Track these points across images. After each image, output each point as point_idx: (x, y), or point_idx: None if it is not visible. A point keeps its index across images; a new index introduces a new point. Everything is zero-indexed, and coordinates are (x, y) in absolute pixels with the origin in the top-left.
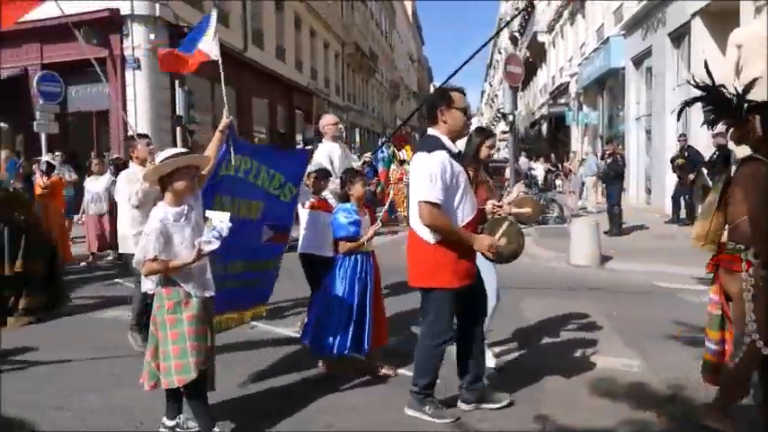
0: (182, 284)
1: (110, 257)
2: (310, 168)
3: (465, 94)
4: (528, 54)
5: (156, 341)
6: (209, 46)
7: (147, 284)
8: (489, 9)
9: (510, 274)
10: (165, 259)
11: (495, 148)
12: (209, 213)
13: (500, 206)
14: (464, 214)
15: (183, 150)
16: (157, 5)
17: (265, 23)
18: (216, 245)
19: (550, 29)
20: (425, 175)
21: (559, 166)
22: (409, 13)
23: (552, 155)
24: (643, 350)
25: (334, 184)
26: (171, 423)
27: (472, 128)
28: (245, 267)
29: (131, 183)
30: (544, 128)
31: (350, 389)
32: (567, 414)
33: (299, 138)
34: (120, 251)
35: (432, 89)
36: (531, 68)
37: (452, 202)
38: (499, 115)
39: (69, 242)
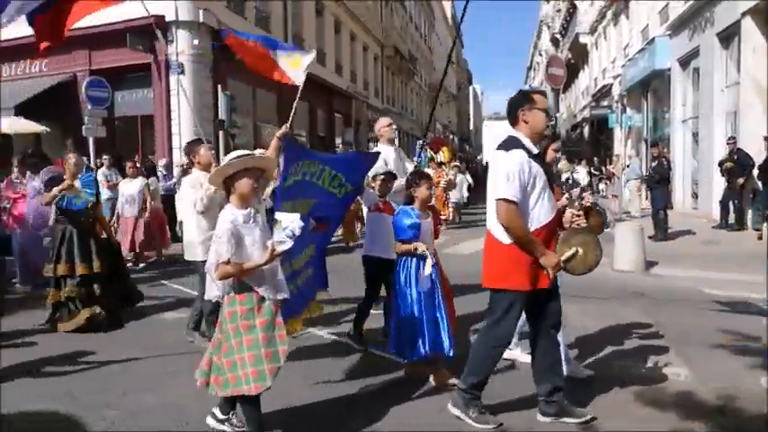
0: (256, 288)
1: (152, 259)
2: (376, 171)
3: (546, 96)
4: (570, 56)
5: (222, 349)
6: (296, 74)
7: (214, 292)
8: (530, 10)
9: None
10: (238, 262)
11: (560, 152)
12: (278, 215)
13: (579, 215)
14: (540, 216)
15: (247, 153)
16: (201, 11)
17: (306, 28)
18: (289, 244)
19: (593, 30)
20: (503, 173)
21: (603, 169)
22: (448, 15)
23: (595, 158)
24: (690, 358)
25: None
26: (222, 416)
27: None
28: (299, 261)
29: (195, 188)
30: (586, 130)
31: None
32: (613, 422)
33: (338, 141)
34: (187, 258)
35: (471, 92)
36: (572, 70)
37: (527, 203)
38: None
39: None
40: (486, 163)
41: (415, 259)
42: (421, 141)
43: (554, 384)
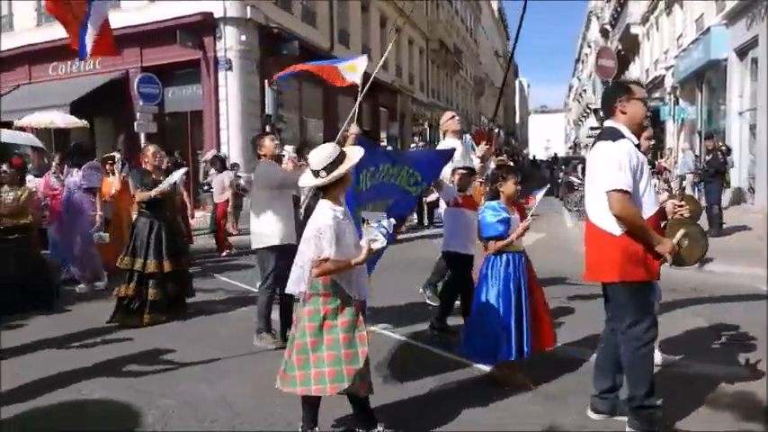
0: (344, 287)
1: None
2: (456, 165)
3: (643, 87)
4: (620, 47)
5: (294, 346)
6: (352, 75)
7: (296, 287)
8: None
9: None
10: (338, 259)
11: (652, 140)
12: (364, 214)
13: (681, 206)
14: (648, 206)
15: (337, 147)
16: (248, 8)
17: (351, 23)
18: (384, 243)
19: (644, 20)
20: (614, 163)
21: (654, 163)
22: (495, 8)
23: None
24: (747, 357)
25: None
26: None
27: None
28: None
29: (274, 168)
30: None
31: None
32: (671, 421)
33: (383, 135)
34: (255, 247)
35: (517, 84)
36: (623, 62)
37: (637, 193)
38: (588, 110)
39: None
40: (534, 156)
41: (505, 257)
42: (466, 136)
43: (613, 382)
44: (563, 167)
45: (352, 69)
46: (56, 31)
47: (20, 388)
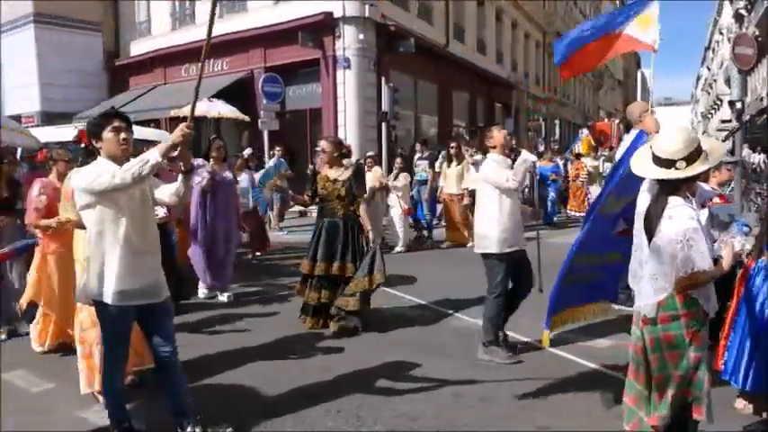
0: (701, 302)
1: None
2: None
3: None
4: (757, 32)
5: (665, 380)
6: (648, 34)
7: (650, 299)
8: None
9: None
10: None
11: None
12: (715, 209)
13: None
14: None
15: (696, 133)
16: (367, 6)
17: (467, 18)
18: (742, 242)
19: None
20: None
21: None
22: None
23: None
24: None
25: None
26: None
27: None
28: (600, 260)
29: (501, 166)
30: None
31: None
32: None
33: None
34: (478, 251)
35: (639, 76)
36: (761, 49)
37: None
38: (719, 102)
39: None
40: None
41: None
42: (583, 131)
43: None
44: None
45: (646, 24)
46: (188, 35)
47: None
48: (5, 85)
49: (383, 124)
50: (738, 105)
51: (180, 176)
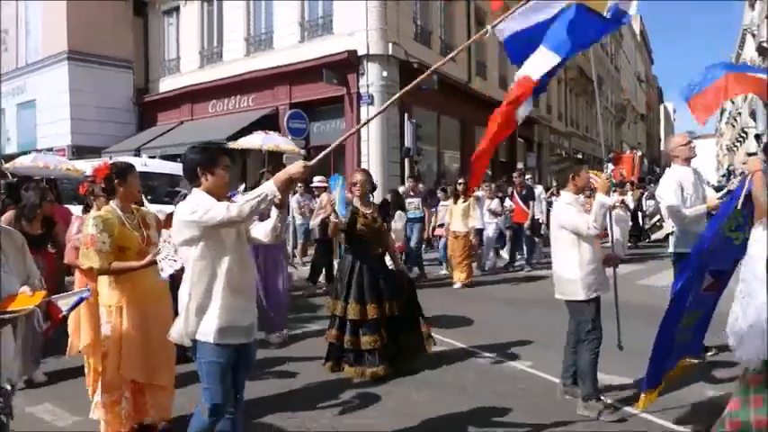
0: None
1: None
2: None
3: None
4: None
5: None
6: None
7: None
8: (729, 17)
9: None
10: None
11: None
12: None
13: None
14: None
15: None
16: (390, 45)
17: (489, 55)
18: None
19: None
20: None
21: None
22: (637, 30)
23: None
24: None
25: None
26: None
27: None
28: (696, 317)
29: (577, 209)
30: None
31: None
32: None
33: (519, 165)
34: (559, 296)
35: (662, 110)
36: None
37: None
38: (743, 135)
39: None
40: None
41: None
42: (606, 165)
43: None
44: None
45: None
46: (215, 72)
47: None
48: (39, 120)
49: (406, 160)
50: (765, 138)
51: (275, 212)
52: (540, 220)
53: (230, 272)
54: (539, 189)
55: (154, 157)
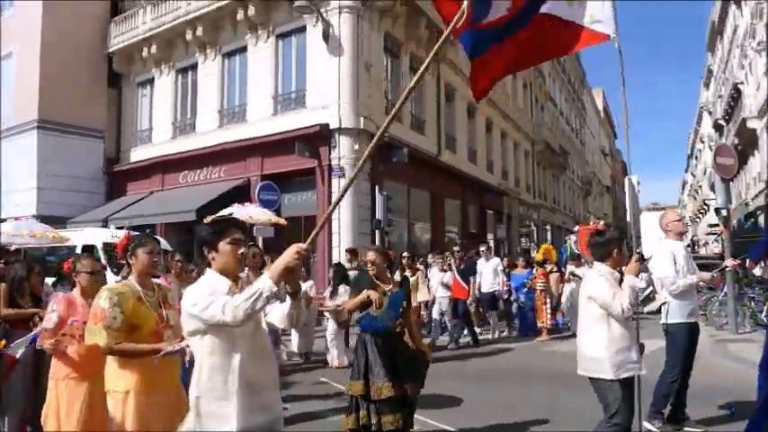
0: None
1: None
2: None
3: None
4: (737, 141)
5: None
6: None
7: None
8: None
9: None
10: None
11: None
12: None
13: None
14: None
15: None
16: (362, 119)
17: (458, 129)
18: None
19: (762, 113)
20: None
21: None
22: (600, 107)
23: None
24: None
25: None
26: None
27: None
28: None
29: (613, 286)
30: (761, 219)
31: None
32: None
33: (489, 237)
34: (582, 372)
35: (627, 183)
36: (741, 156)
37: None
38: (705, 207)
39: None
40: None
41: None
42: (570, 236)
43: None
44: None
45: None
46: (188, 143)
47: None
48: (5, 187)
49: (377, 231)
50: (724, 213)
51: (288, 299)
52: (497, 293)
53: (245, 366)
54: (494, 261)
55: (122, 228)
